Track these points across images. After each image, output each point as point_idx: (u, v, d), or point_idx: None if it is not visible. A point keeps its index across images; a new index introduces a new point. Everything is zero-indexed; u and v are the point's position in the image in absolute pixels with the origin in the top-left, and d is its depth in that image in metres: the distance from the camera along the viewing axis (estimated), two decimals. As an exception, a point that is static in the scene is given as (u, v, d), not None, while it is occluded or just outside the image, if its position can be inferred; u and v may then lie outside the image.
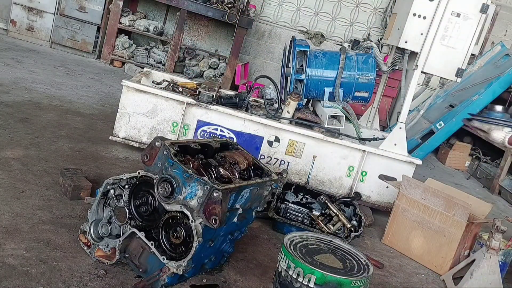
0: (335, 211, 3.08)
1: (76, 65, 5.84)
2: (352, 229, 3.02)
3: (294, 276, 2.02)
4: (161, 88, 3.71)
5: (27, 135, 3.29)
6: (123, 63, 6.47)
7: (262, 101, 4.08)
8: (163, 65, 6.60)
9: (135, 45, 6.67)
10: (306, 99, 3.99)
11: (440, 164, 6.16)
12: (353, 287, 2.04)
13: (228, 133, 3.49)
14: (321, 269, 2.02)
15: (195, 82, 4.07)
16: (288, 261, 2.05)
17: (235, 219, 2.16)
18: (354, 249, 2.36)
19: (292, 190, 3.20)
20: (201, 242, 1.96)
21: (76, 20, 6.25)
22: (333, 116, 3.68)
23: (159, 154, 2.07)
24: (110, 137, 3.50)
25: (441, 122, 5.60)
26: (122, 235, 2.10)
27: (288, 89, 3.85)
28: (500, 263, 2.83)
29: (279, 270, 2.09)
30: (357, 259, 2.28)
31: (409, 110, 4.06)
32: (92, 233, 2.18)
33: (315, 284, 1.99)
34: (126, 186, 2.14)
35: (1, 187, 2.54)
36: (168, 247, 2.09)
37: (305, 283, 2.00)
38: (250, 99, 3.89)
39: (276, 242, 2.84)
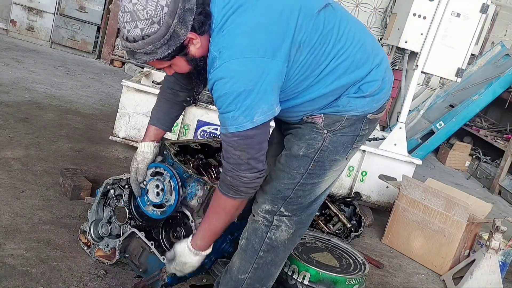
0: (335, 211, 3.08)
1: (76, 65, 5.84)
2: (352, 229, 3.02)
3: (289, 273, 2.03)
4: (161, 88, 3.71)
5: (27, 135, 3.29)
6: (123, 63, 6.47)
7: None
8: (163, 65, 6.59)
9: (135, 45, 6.66)
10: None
11: (440, 164, 6.16)
12: (348, 285, 2.04)
13: (228, 133, 3.49)
14: (316, 267, 2.02)
15: (195, 82, 4.06)
16: None
17: (235, 219, 2.16)
18: (352, 248, 2.37)
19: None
20: (201, 242, 1.96)
21: (76, 20, 6.24)
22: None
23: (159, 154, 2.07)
24: (110, 137, 3.50)
25: (441, 122, 5.59)
26: (122, 235, 2.10)
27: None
28: (500, 263, 2.83)
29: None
30: (354, 258, 2.29)
31: (409, 110, 4.06)
32: (92, 233, 2.18)
33: (309, 281, 2.00)
34: (126, 186, 2.14)
35: (1, 187, 2.54)
36: (168, 247, 2.09)
37: (300, 280, 2.01)
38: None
39: (276, 242, 2.84)
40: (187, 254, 1.73)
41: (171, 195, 1.91)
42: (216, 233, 1.73)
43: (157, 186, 1.95)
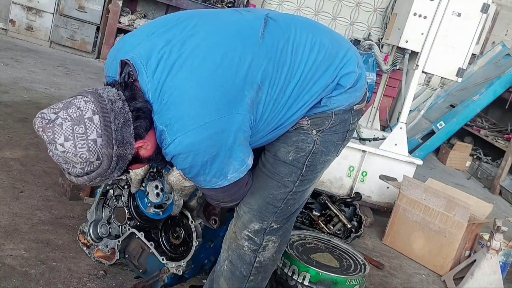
0: (335, 211, 3.07)
1: (75, 64, 5.83)
2: (352, 229, 3.01)
3: (290, 274, 2.02)
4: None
5: (26, 135, 3.28)
6: (123, 63, 6.45)
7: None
8: (163, 65, 6.57)
9: (135, 45, 6.65)
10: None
11: (441, 164, 6.15)
12: (348, 285, 2.03)
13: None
14: (316, 267, 2.02)
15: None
16: (283, 259, 2.05)
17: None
18: (352, 249, 2.36)
19: (292, 190, 3.19)
20: (201, 242, 1.95)
21: (76, 20, 6.23)
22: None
23: (159, 154, 2.06)
24: (110, 137, 3.49)
25: (441, 122, 5.58)
26: (122, 235, 2.09)
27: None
28: (501, 263, 2.82)
29: (275, 268, 2.08)
30: (354, 258, 2.28)
31: (410, 110, 4.05)
32: (91, 233, 2.17)
33: (309, 282, 1.99)
34: (126, 187, 2.13)
35: (0, 187, 2.53)
36: (167, 247, 2.08)
37: (300, 281, 2.00)
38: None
39: (276, 243, 2.83)
40: (182, 180, 1.69)
41: (171, 194, 1.90)
42: None
43: (157, 187, 1.94)
